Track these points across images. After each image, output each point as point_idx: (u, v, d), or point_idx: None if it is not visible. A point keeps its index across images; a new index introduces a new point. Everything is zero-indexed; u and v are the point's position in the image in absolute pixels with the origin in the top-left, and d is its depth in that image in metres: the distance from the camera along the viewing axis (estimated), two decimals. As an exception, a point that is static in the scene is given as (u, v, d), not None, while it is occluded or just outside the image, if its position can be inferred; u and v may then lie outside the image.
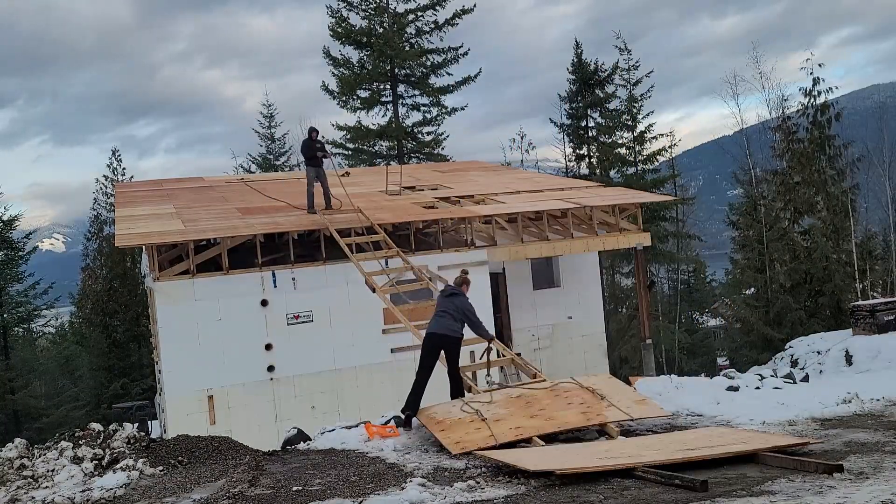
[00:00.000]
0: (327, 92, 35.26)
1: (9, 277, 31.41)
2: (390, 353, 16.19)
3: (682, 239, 37.53)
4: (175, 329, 15.06)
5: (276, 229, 16.23)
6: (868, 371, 15.96)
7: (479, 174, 24.33)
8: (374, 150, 36.07)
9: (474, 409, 9.08)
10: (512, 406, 9.31)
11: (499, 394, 9.78)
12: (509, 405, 9.34)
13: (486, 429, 8.55)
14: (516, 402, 9.44)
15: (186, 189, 21.40)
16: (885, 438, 7.48)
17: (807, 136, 30.69)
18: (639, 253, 20.12)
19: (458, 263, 16.95)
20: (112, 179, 36.63)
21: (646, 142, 36.13)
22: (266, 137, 44.13)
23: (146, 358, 30.08)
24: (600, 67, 36.68)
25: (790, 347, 20.23)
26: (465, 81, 35.06)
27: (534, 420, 8.89)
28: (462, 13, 34.47)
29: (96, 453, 7.78)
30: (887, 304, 18.17)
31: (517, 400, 9.52)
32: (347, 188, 17.41)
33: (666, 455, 6.92)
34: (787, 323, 27.28)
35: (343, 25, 34.40)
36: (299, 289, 15.78)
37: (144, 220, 16.98)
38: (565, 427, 8.81)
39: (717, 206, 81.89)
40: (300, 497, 6.48)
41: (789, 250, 28.50)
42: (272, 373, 15.53)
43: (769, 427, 8.50)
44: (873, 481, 5.87)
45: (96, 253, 36.34)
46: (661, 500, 5.79)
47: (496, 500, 6.07)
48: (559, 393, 9.63)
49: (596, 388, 9.59)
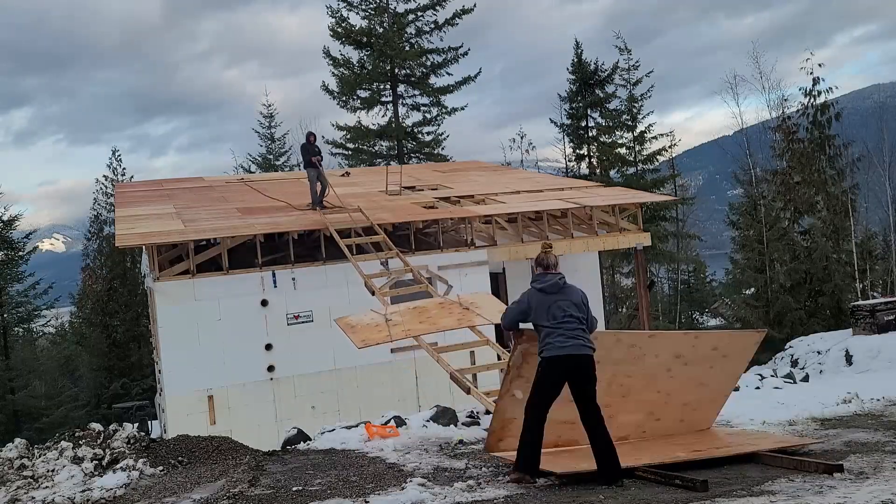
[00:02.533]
0: (327, 92, 35.29)
1: (9, 277, 31.39)
2: (390, 353, 16.17)
3: (682, 239, 37.57)
4: (175, 329, 15.05)
5: (276, 229, 16.24)
6: (868, 371, 15.97)
7: (479, 174, 24.33)
8: (374, 150, 36.08)
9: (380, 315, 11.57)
10: (408, 315, 11.84)
11: (402, 306, 12.39)
12: (406, 314, 11.89)
13: (385, 330, 10.93)
14: (412, 312, 12.04)
15: (186, 189, 21.40)
16: (885, 438, 7.48)
17: (807, 136, 30.71)
18: (639, 253, 20.11)
19: (459, 263, 16.99)
20: (112, 179, 36.66)
21: (646, 142, 36.17)
22: (266, 137, 44.16)
23: (146, 358, 30.06)
24: (600, 67, 36.71)
25: (790, 347, 20.23)
26: (465, 81, 35.07)
27: (422, 324, 11.46)
28: (462, 13, 34.47)
29: (96, 453, 7.78)
30: (887, 304, 18.17)
31: (413, 310, 12.12)
32: (347, 188, 17.47)
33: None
34: (787, 323, 27.26)
35: (343, 25, 34.41)
36: (299, 289, 15.77)
37: (144, 220, 16.98)
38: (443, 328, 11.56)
39: (717, 206, 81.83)
40: (300, 497, 6.48)
41: (789, 250, 28.49)
42: (272, 373, 15.53)
43: (769, 427, 8.50)
44: (873, 481, 5.87)
45: (96, 253, 36.36)
46: (661, 500, 5.79)
47: (496, 500, 6.07)
48: (445, 305, 12.38)
49: (471, 302, 12.32)
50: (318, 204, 17.65)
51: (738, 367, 8.08)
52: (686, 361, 7.70)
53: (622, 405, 7.57)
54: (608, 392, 7.30)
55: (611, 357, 7.34)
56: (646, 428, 7.80)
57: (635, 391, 7.60)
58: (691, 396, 7.86)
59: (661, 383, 7.68)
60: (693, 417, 7.96)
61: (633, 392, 7.60)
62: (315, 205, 17.62)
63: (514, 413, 7.25)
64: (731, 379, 8.07)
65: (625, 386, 7.54)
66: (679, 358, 7.68)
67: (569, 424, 7.20)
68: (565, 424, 7.23)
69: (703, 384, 7.83)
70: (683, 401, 7.84)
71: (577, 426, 7.09)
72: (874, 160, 32.74)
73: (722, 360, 7.83)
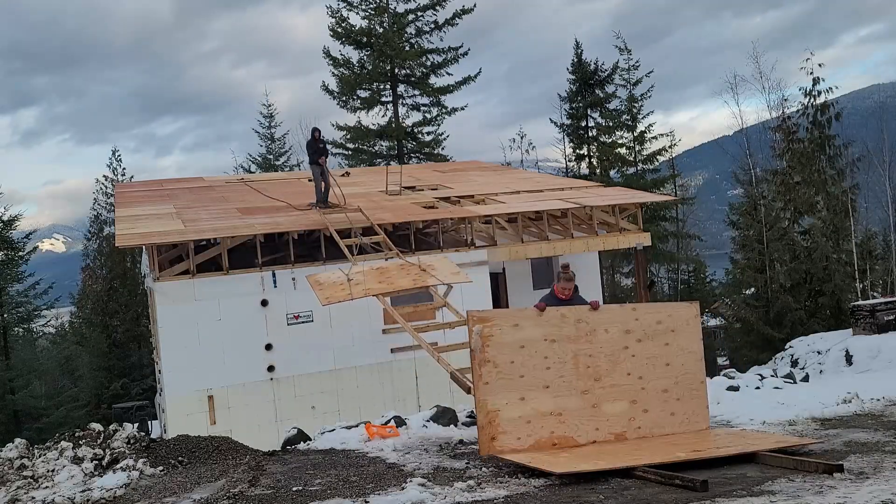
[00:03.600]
0: (327, 92, 35.30)
1: (9, 277, 31.35)
2: (390, 353, 16.18)
3: (682, 239, 37.57)
4: (175, 329, 15.06)
5: (276, 229, 16.24)
6: (868, 371, 15.97)
7: (479, 174, 24.34)
8: (374, 150, 36.10)
9: (345, 275, 13.28)
10: (370, 275, 13.38)
11: (365, 266, 13.89)
12: (368, 275, 13.38)
13: (348, 289, 12.71)
14: (373, 273, 13.57)
15: (186, 189, 21.40)
16: (885, 438, 7.48)
17: (807, 136, 30.72)
18: (639, 253, 20.12)
19: (459, 263, 16.96)
20: (112, 179, 36.68)
21: (646, 142, 36.19)
22: (266, 137, 44.15)
23: (146, 358, 30.08)
24: (600, 67, 36.73)
25: (790, 347, 20.24)
26: (465, 81, 35.10)
27: (380, 284, 13.04)
28: (462, 13, 34.49)
29: (96, 453, 7.77)
30: (887, 304, 18.19)
31: (374, 271, 13.67)
32: (347, 188, 17.49)
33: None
34: (787, 323, 27.27)
35: (343, 25, 34.43)
36: (299, 289, 15.77)
37: (144, 220, 16.99)
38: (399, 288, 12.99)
39: (717, 206, 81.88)
40: (300, 497, 6.47)
41: (789, 250, 28.50)
42: (272, 373, 15.53)
43: (769, 427, 8.50)
44: (873, 481, 5.86)
45: (96, 253, 36.38)
46: (661, 500, 5.79)
47: (496, 500, 6.07)
48: (404, 267, 13.82)
49: (429, 265, 13.88)
50: (323, 202, 17.66)
51: (693, 343, 8.15)
52: (639, 337, 7.88)
53: (600, 391, 7.67)
54: (578, 374, 7.57)
55: (563, 334, 7.64)
56: (639, 422, 7.82)
57: (605, 373, 7.72)
58: (666, 381, 7.93)
59: (627, 364, 7.81)
60: (683, 410, 8.00)
61: (603, 374, 7.72)
62: (319, 203, 17.64)
63: (495, 403, 7.34)
64: (695, 359, 8.13)
65: (592, 367, 7.69)
66: (630, 333, 7.86)
67: (556, 416, 7.41)
68: (552, 417, 7.41)
69: (670, 364, 7.95)
70: (661, 386, 7.92)
71: (565, 418, 7.37)
72: (874, 160, 32.74)
73: (672, 336, 7.99)
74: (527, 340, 7.50)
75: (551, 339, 7.54)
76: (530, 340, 7.51)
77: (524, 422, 7.38)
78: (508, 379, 7.40)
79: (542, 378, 7.45)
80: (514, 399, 7.38)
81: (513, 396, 7.38)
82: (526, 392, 7.42)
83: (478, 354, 7.37)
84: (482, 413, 7.37)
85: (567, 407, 7.48)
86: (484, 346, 7.34)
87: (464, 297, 16.37)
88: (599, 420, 7.60)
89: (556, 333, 7.56)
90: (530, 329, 7.55)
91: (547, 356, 7.53)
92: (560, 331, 7.61)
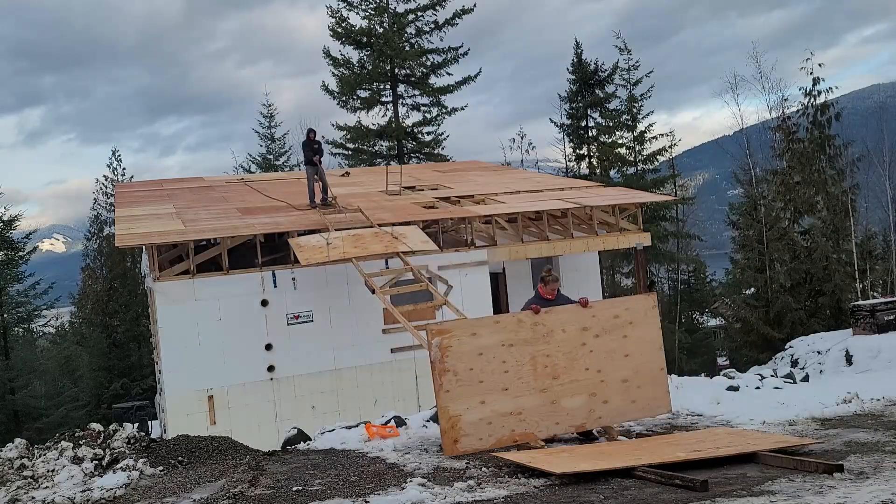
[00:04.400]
0: (327, 92, 35.29)
1: (9, 277, 31.37)
2: (390, 353, 16.19)
3: (682, 239, 37.56)
4: (175, 329, 15.06)
5: (276, 229, 16.24)
6: (868, 371, 15.99)
7: (479, 174, 24.33)
8: (374, 150, 36.09)
9: (324, 239, 14.35)
10: (347, 240, 14.46)
11: (343, 233, 14.85)
12: (345, 240, 14.46)
13: (326, 251, 13.96)
14: (350, 238, 14.68)
15: (186, 189, 21.40)
16: (885, 438, 7.48)
17: (807, 136, 30.71)
18: (639, 253, 20.11)
19: (459, 263, 16.99)
20: (112, 179, 36.67)
21: (646, 142, 36.17)
22: (266, 137, 44.15)
23: (146, 358, 30.08)
24: (600, 67, 36.72)
25: (790, 347, 20.26)
26: (465, 81, 35.09)
27: (355, 248, 14.21)
28: (462, 13, 34.48)
29: (96, 453, 7.77)
30: (887, 304, 18.20)
31: (351, 237, 14.76)
32: (347, 188, 17.50)
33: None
34: (787, 323, 27.29)
35: (343, 25, 34.42)
36: (299, 289, 15.78)
37: (144, 220, 16.98)
38: (373, 252, 14.29)
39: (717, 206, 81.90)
40: (300, 497, 6.47)
41: (789, 250, 28.51)
42: (272, 373, 15.53)
43: (769, 427, 8.50)
44: (873, 481, 5.87)
45: (96, 253, 36.37)
46: (661, 500, 5.79)
47: (496, 500, 6.07)
48: (378, 234, 14.94)
49: (400, 233, 15.05)
50: (322, 202, 17.71)
51: (651, 332, 8.33)
52: (597, 333, 8.04)
53: (559, 388, 7.84)
54: (536, 374, 7.76)
55: (520, 338, 7.80)
56: (599, 413, 7.96)
57: (563, 370, 7.87)
58: (625, 371, 8.10)
59: (586, 360, 7.97)
60: (644, 396, 8.15)
61: (561, 372, 7.87)
62: (312, 203, 17.65)
63: (456, 409, 7.58)
64: (653, 348, 8.31)
65: (550, 367, 7.84)
66: (587, 330, 8.03)
67: (515, 416, 7.64)
68: (512, 416, 7.64)
69: (629, 355, 8.12)
70: (620, 377, 8.08)
71: (525, 416, 7.62)
72: (874, 160, 32.74)
73: (630, 328, 8.17)
74: (484, 347, 7.72)
75: (509, 343, 7.77)
76: (488, 347, 7.73)
77: (485, 423, 7.61)
78: (468, 385, 7.62)
79: (500, 381, 7.70)
80: (474, 403, 7.61)
81: (473, 401, 7.61)
82: (486, 395, 7.64)
83: (438, 365, 7.60)
84: (444, 418, 7.59)
85: (526, 406, 7.72)
86: (443, 357, 7.59)
87: (464, 297, 16.40)
88: (559, 415, 7.84)
89: (513, 338, 7.82)
90: (487, 336, 7.77)
91: (505, 360, 7.76)
92: (517, 335, 7.83)
